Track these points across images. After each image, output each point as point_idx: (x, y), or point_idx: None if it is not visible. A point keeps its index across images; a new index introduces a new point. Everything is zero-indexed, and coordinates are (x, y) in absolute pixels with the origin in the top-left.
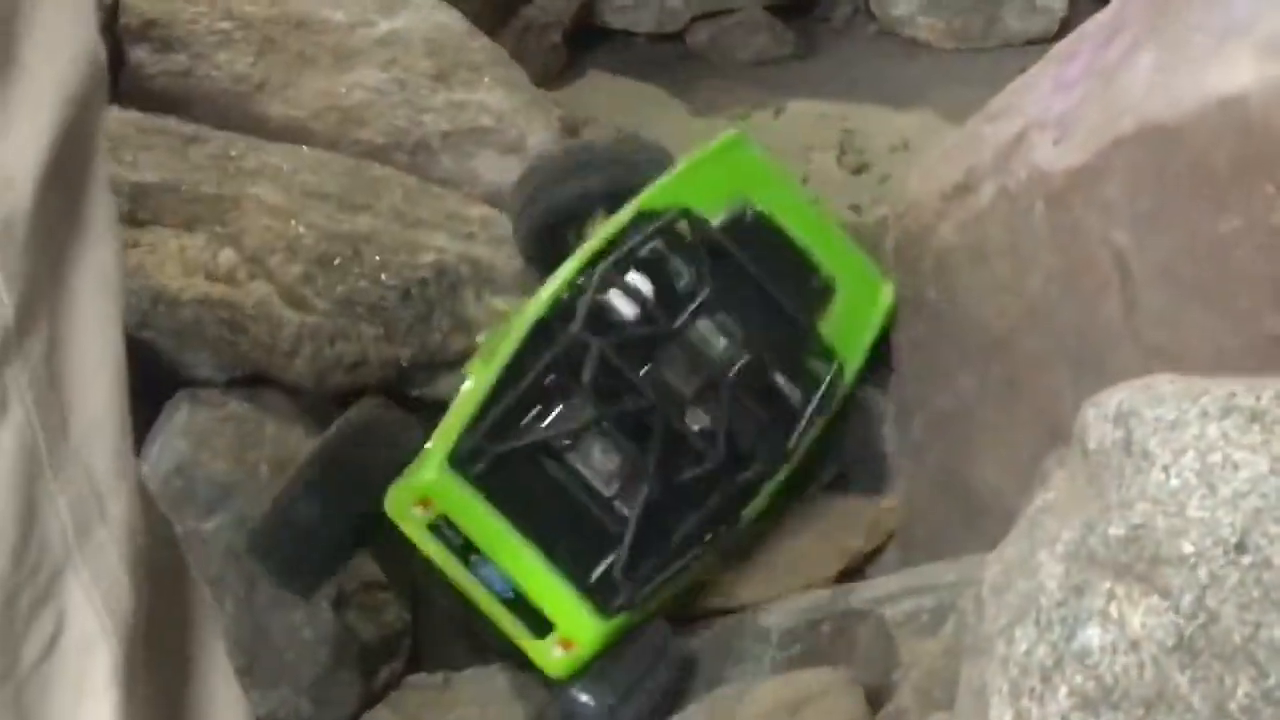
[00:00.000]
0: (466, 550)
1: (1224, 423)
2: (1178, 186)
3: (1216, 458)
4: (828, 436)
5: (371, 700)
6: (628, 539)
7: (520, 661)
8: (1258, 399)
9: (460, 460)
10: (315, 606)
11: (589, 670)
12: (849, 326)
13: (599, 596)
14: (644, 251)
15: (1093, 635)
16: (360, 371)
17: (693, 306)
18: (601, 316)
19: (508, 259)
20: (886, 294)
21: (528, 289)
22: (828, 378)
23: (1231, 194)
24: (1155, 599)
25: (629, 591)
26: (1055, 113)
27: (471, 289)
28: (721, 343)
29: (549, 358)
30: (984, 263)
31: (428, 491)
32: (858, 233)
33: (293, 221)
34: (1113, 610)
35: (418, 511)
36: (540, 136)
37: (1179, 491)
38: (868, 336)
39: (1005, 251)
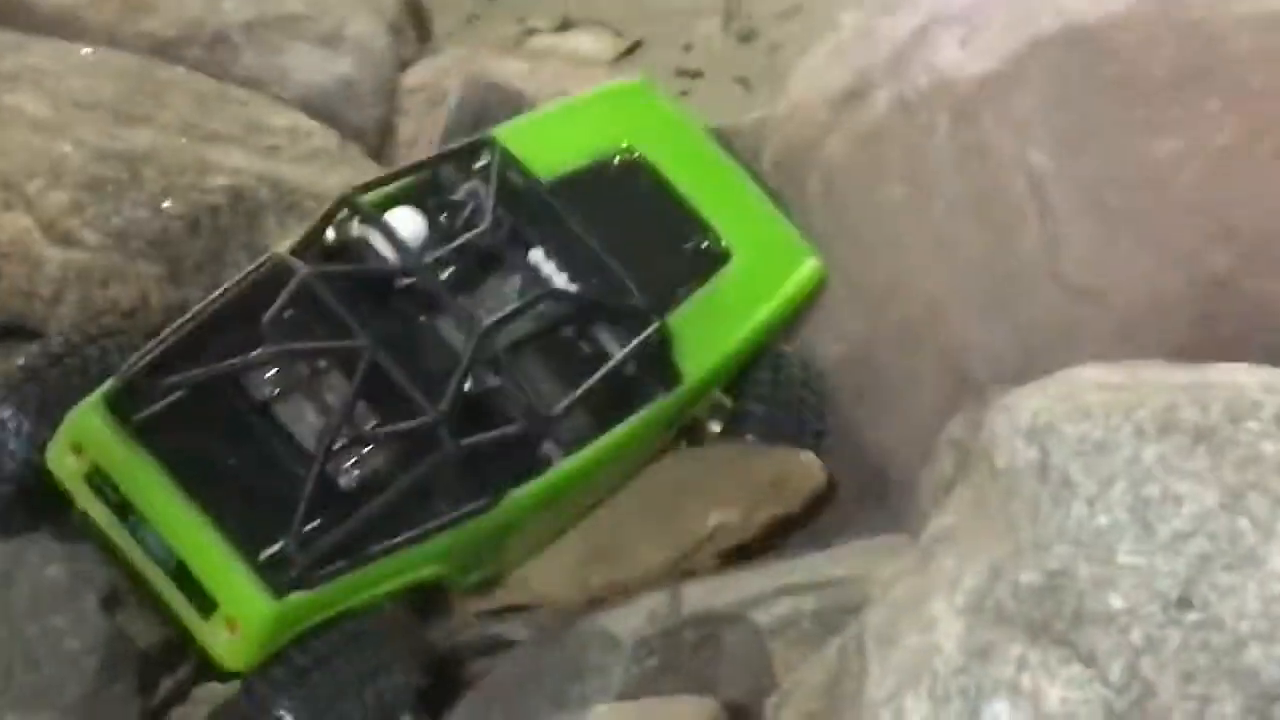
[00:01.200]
0: (124, 509)
1: (1163, 444)
2: (1106, 100)
3: (1153, 489)
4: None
5: (153, 718)
6: (302, 505)
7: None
8: (1204, 411)
9: (116, 400)
10: (81, 607)
11: (282, 662)
12: (745, 297)
13: (273, 573)
14: (439, 190)
15: (1000, 712)
16: (139, 318)
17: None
18: (351, 250)
19: (319, 177)
20: (809, 268)
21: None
22: (649, 342)
23: (1170, 110)
24: (1077, 667)
25: (304, 565)
26: (961, 4)
27: (274, 216)
28: (508, 298)
29: (241, 286)
30: (878, 186)
31: (79, 434)
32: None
33: (58, 139)
34: (1025, 681)
35: (71, 461)
36: (363, 27)
37: (1107, 531)
38: (767, 310)
39: (903, 174)
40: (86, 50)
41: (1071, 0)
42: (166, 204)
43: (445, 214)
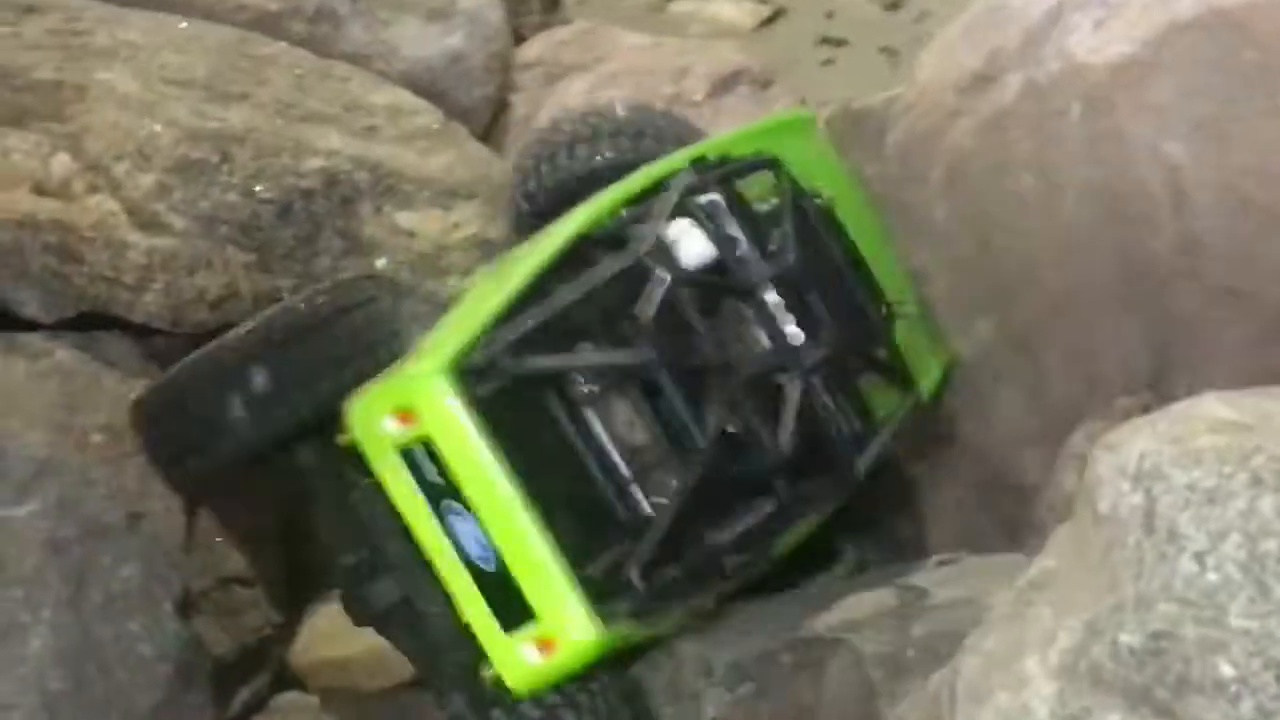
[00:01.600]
0: (441, 493)
1: None
2: (1246, 88)
3: (1271, 545)
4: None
5: None
6: (655, 530)
7: (443, 673)
8: None
9: (471, 370)
10: (156, 611)
11: (557, 693)
12: (894, 380)
13: (603, 595)
14: (711, 196)
15: None
16: (228, 308)
17: (767, 271)
18: (665, 250)
19: (420, 161)
20: (945, 354)
21: (447, 204)
22: (907, 405)
23: None
24: None
25: (643, 598)
26: None
27: (370, 202)
28: (797, 325)
29: (605, 274)
30: (1006, 176)
31: (417, 399)
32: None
33: (148, 118)
34: None
35: (392, 426)
36: (474, 1)
37: (1217, 590)
38: (903, 405)
39: (1032, 163)
40: (184, 24)
41: None
42: (258, 188)
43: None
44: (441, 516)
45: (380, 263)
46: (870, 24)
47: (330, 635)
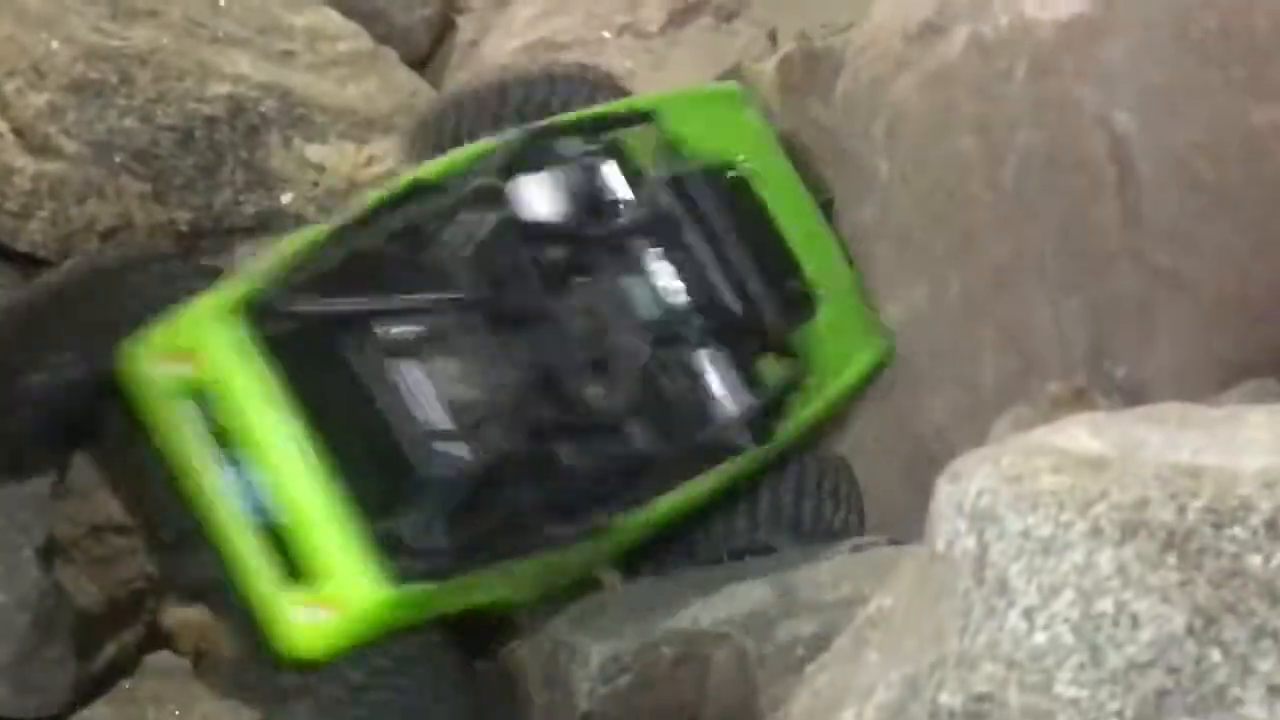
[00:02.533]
0: (224, 440)
1: (1124, 549)
2: (1201, 56)
3: (1106, 605)
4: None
5: (94, 687)
6: (454, 486)
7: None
8: (1180, 511)
9: (254, 312)
10: (13, 558)
11: (348, 663)
12: (823, 362)
13: (394, 555)
14: (585, 154)
15: None
16: (119, 239)
17: (624, 235)
18: (507, 199)
19: (336, 89)
20: (877, 345)
21: (363, 136)
22: (782, 384)
23: (1272, 72)
24: None
25: (436, 559)
26: None
27: (278, 132)
28: (652, 298)
29: (411, 217)
30: (947, 135)
31: (196, 339)
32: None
33: (45, 33)
34: None
35: (170, 367)
36: None
37: (1046, 653)
38: (841, 385)
39: (975, 124)
40: None
41: None
42: (159, 113)
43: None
44: (223, 467)
45: (286, 198)
46: None
47: None
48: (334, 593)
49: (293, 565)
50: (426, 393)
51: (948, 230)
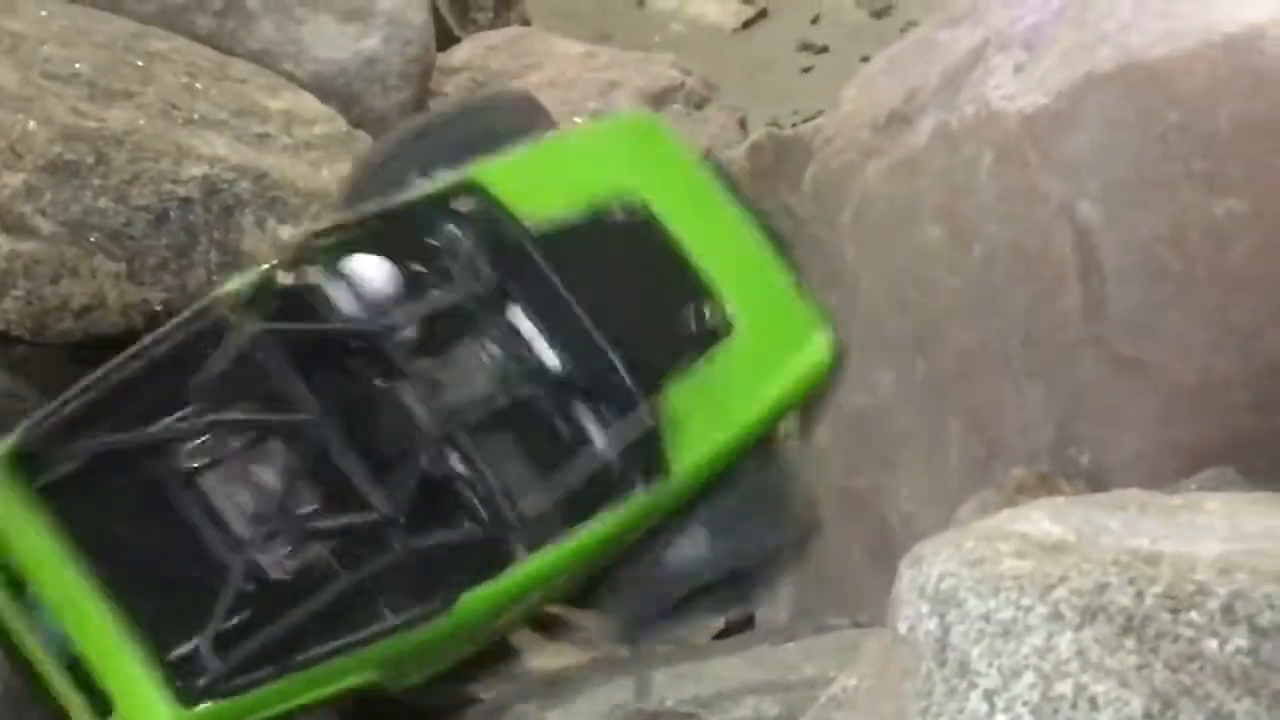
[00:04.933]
0: (19, 587)
1: (1083, 632)
2: (1165, 150)
3: (1065, 688)
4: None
5: None
6: (224, 598)
7: None
8: (1138, 596)
9: (27, 460)
10: None
11: None
12: (747, 375)
13: (183, 677)
14: (414, 230)
15: None
16: (93, 317)
17: (440, 313)
18: (306, 301)
19: (310, 172)
20: (819, 347)
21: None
22: (639, 429)
23: (1234, 166)
24: None
25: (219, 672)
26: (1025, 25)
27: (251, 213)
28: (487, 367)
29: (180, 334)
30: (914, 223)
31: None
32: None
33: (22, 114)
34: None
35: None
36: (396, 1)
37: None
38: (770, 393)
39: (941, 213)
40: (74, 13)
41: (1134, 35)
42: (134, 193)
43: (419, 260)
44: (27, 611)
45: None
46: (855, 31)
47: None
48: None
49: (96, 697)
50: (216, 510)
51: (914, 317)
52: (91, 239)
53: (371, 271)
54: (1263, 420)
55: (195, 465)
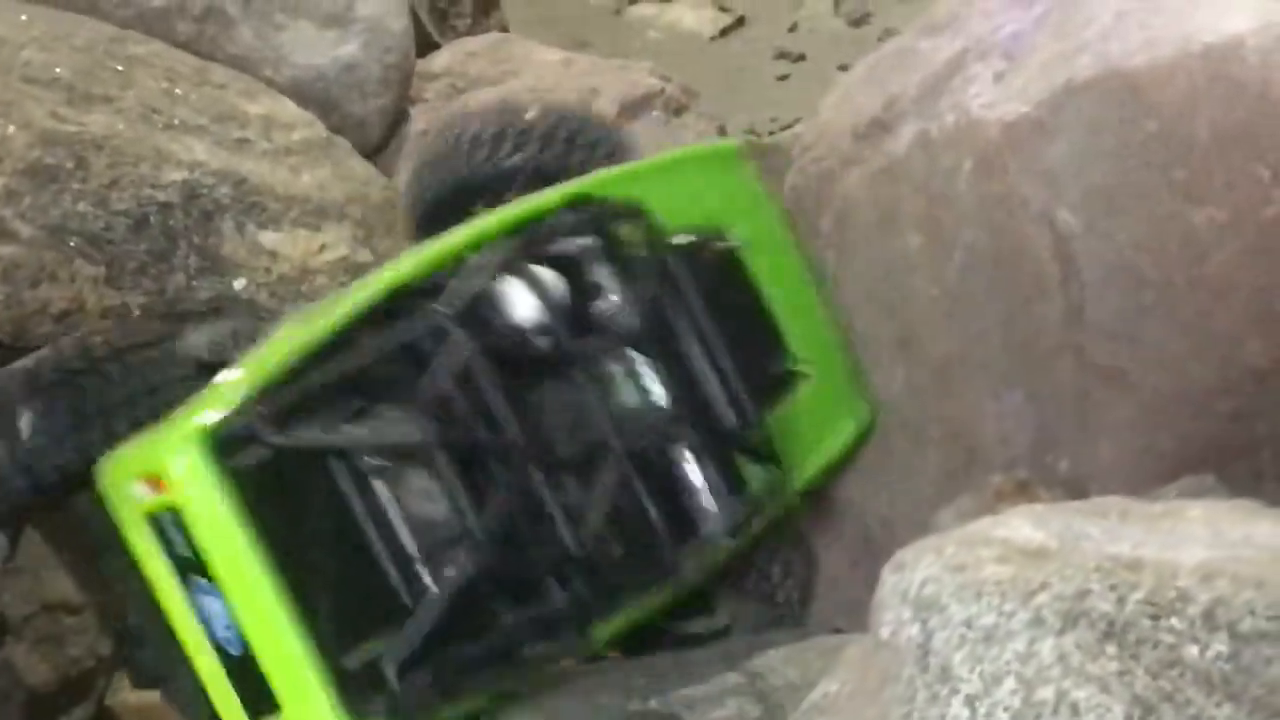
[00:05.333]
0: (189, 567)
1: (1065, 638)
2: (1144, 159)
3: (1047, 693)
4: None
5: None
6: (419, 623)
7: None
8: (1120, 602)
9: (226, 440)
10: None
11: None
12: (804, 437)
13: (356, 690)
14: (568, 245)
15: None
16: (73, 321)
17: (611, 337)
18: (483, 310)
19: (290, 177)
20: (860, 414)
21: (316, 224)
22: (763, 488)
23: (1213, 175)
24: None
25: (399, 698)
26: (1005, 33)
27: (232, 219)
28: (636, 398)
29: (396, 338)
30: (894, 231)
31: (165, 467)
32: (770, 153)
33: (0, 119)
34: None
35: (139, 490)
36: (379, 6)
37: None
38: (819, 461)
39: (920, 221)
40: (54, 18)
41: (1113, 44)
42: (113, 198)
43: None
44: (190, 592)
45: (238, 284)
46: (832, 39)
47: None
48: None
49: (257, 695)
50: (401, 519)
51: (893, 324)
52: (71, 243)
53: (553, 287)
54: (1242, 428)
55: (387, 468)
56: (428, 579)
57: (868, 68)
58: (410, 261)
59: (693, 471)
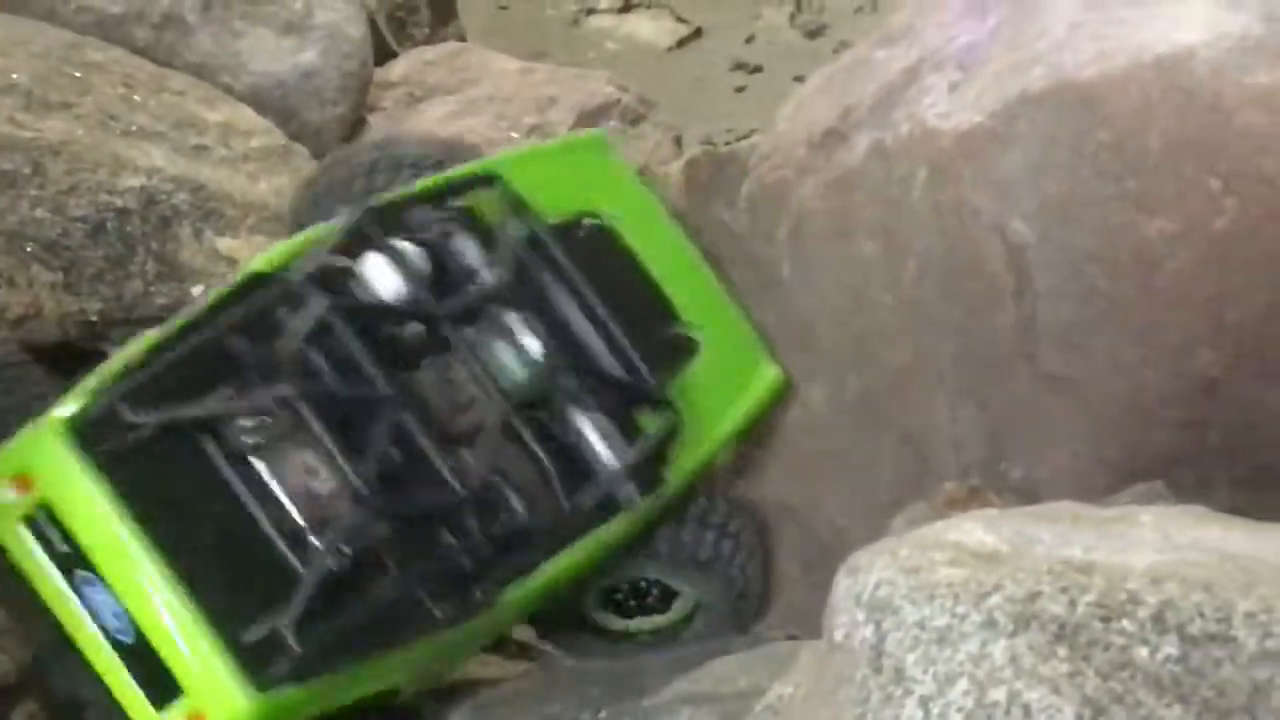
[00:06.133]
0: (72, 561)
1: (1017, 640)
2: (1096, 169)
3: (999, 694)
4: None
5: None
6: (310, 580)
7: None
8: (1071, 604)
9: (87, 428)
10: None
11: None
12: (711, 400)
13: (257, 661)
14: (424, 216)
15: None
16: (29, 327)
17: (473, 295)
18: (343, 283)
19: (248, 184)
20: (769, 375)
21: (274, 230)
22: (658, 432)
23: (1165, 185)
24: None
25: (300, 661)
26: (960, 44)
27: (189, 225)
28: (516, 362)
29: (247, 310)
30: (848, 240)
31: (28, 464)
32: (726, 163)
33: None
34: None
35: (10, 495)
36: (336, 14)
37: None
38: (725, 419)
39: (875, 229)
40: (11, 23)
41: (1067, 55)
42: (71, 204)
43: (443, 246)
44: (75, 587)
45: (196, 289)
46: (789, 51)
47: None
48: (200, 708)
49: (159, 681)
50: (283, 490)
51: (848, 331)
52: (28, 249)
53: (414, 257)
54: (1193, 436)
55: (262, 442)
56: (315, 546)
57: (824, 78)
58: (268, 254)
59: (583, 421)
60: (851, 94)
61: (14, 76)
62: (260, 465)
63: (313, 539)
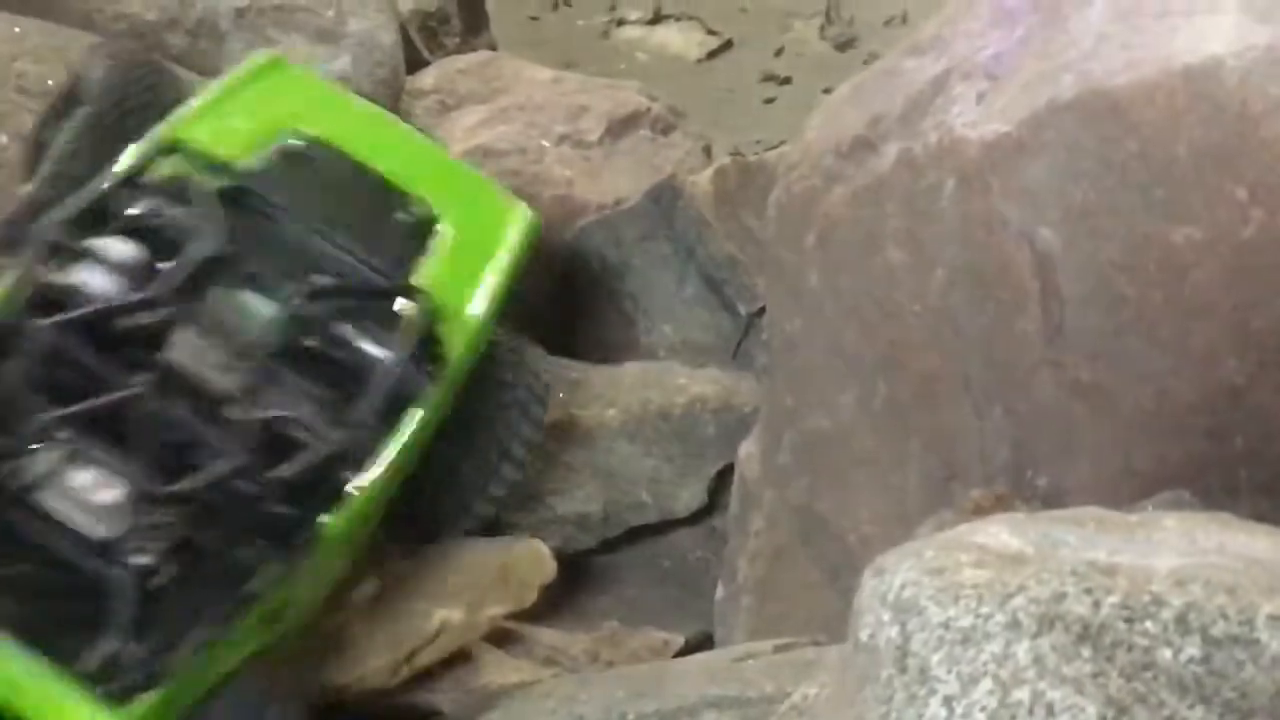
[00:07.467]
0: None
1: (1041, 640)
2: (1124, 178)
3: (1023, 694)
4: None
5: None
6: (122, 593)
7: None
8: (1095, 605)
9: None
10: None
11: None
12: (469, 260)
13: (106, 683)
14: (130, 211)
15: None
16: None
17: (202, 268)
18: (61, 299)
19: None
20: (517, 219)
21: None
22: (418, 317)
23: (1192, 194)
24: None
25: (146, 664)
26: (988, 54)
27: None
28: (261, 306)
29: None
30: (877, 249)
31: None
32: (756, 171)
33: None
34: None
35: None
36: (369, 22)
37: None
38: (490, 273)
39: (904, 238)
40: (48, 31)
41: (1095, 64)
42: None
43: (153, 228)
44: None
45: None
46: (819, 63)
47: None
48: None
49: None
50: (73, 513)
51: (875, 340)
52: None
53: (122, 251)
54: (1219, 445)
55: (37, 477)
56: (123, 556)
57: (853, 87)
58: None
59: (352, 335)
60: (880, 103)
61: (49, 83)
62: (43, 498)
63: (117, 550)
